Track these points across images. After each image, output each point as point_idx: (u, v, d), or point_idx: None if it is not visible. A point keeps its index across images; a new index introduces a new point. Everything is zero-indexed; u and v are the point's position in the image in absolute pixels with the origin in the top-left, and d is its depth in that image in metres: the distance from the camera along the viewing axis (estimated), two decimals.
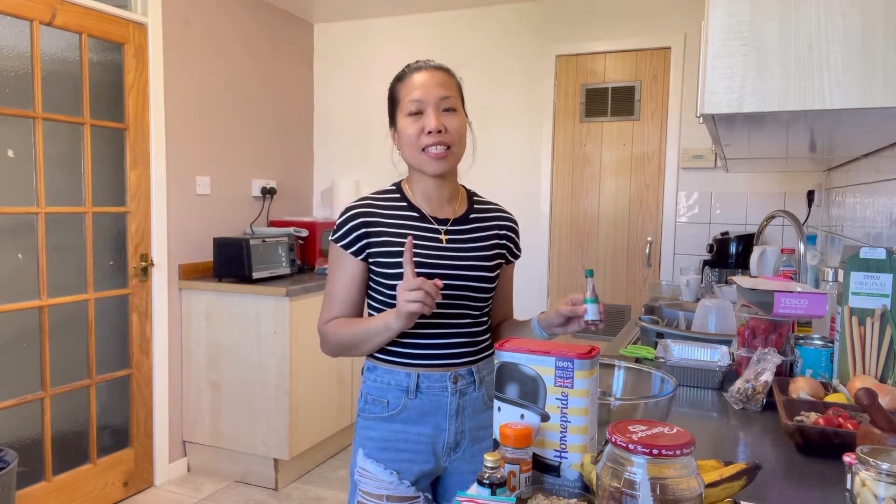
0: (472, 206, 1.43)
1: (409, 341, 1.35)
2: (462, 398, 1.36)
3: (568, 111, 3.73)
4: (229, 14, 3.54)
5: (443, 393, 1.34)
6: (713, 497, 0.81)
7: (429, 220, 1.36)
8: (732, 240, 3.13)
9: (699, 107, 1.14)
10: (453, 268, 1.33)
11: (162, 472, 3.24)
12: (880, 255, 1.32)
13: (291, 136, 4.11)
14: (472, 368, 1.38)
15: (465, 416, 1.36)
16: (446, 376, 1.34)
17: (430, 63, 1.36)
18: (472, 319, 1.38)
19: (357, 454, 1.40)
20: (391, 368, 1.36)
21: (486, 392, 1.41)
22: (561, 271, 3.80)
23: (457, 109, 1.33)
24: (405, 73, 1.35)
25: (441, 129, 1.29)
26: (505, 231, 1.45)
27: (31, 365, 2.67)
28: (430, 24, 3.98)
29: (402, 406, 1.34)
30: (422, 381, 1.34)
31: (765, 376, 1.35)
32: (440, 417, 1.34)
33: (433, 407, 1.34)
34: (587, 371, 0.89)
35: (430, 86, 1.31)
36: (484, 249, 1.38)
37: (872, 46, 1.02)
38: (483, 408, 1.40)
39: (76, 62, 2.80)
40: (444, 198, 1.38)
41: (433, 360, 1.35)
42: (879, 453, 0.78)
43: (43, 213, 2.67)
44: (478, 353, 1.40)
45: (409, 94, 1.31)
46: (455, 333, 1.36)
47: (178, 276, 3.27)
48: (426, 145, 1.30)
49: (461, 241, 1.37)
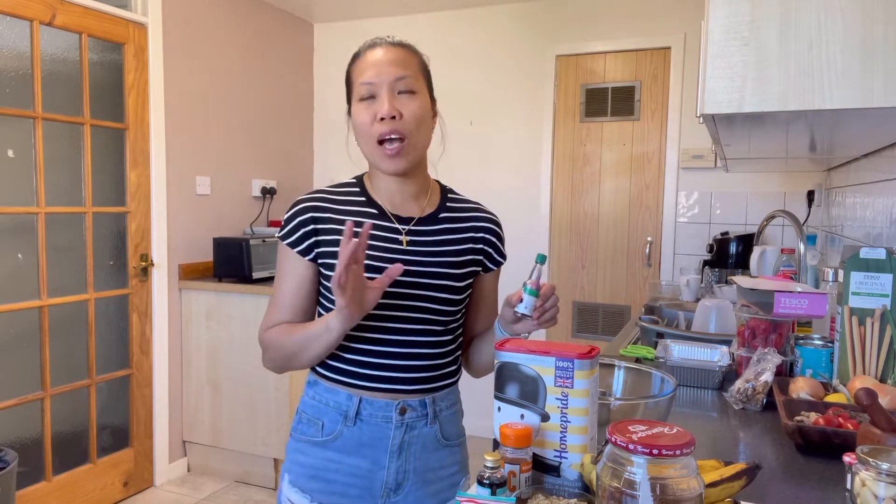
0: (443, 205, 1.23)
1: (353, 357, 1.15)
2: (409, 433, 1.15)
3: (568, 111, 3.73)
4: (229, 14, 3.54)
5: (385, 424, 1.14)
6: (713, 497, 0.81)
7: (389, 219, 1.17)
8: (732, 240, 3.13)
9: (699, 107, 1.14)
10: (413, 274, 1.13)
11: (162, 472, 3.24)
12: (880, 255, 1.32)
13: (291, 136, 4.11)
14: (426, 399, 1.16)
15: (410, 455, 1.16)
16: (392, 405, 1.14)
17: (386, 38, 1.16)
18: (432, 338, 1.16)
19: (283, 480, 1.22)
20: (332, 387, 1.17)
21: (439, 429, 1.19)
22: (561, 271, 3.79)
23: (416, 91, 1.12)
24: (359, 52, 1.16)
25: (395, 115, 1.09)
26: (483, 234, 1.23)
27: (31, 365, 2.67)
28: (430, 24, 3.98)
29: (337, 432, 1.15)
30: (363, 407, 1.14)
31: (765, 376, 1.35)
32: (380, 452, 1.14)
33: (372, 439, 1.14)
34: (587, 371, 0.89)
35: (384, 64, 1.10)
36: (453, 255, 1.18)
37: (872, 46, 1.02)
38: (435, 446, 1.19)
39: (76, 62, 2.80)
40: (408, 194, 1.19)
41: (379, 382, 1.14)
42: (879, 453, 0.78)
43: (43, 213, 2.67)
44: (436, 381, 1.18)
45: (360, 75, 1.12)
46: (409, 354, 1.15)
47: (178, 276, 3.27)
48: (380, 135, 1.10)
49: (425, 243, 1.17)
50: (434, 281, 1.15)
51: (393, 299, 1.13)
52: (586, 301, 3.75)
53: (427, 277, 1.15)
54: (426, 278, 1.14)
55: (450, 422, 1.22)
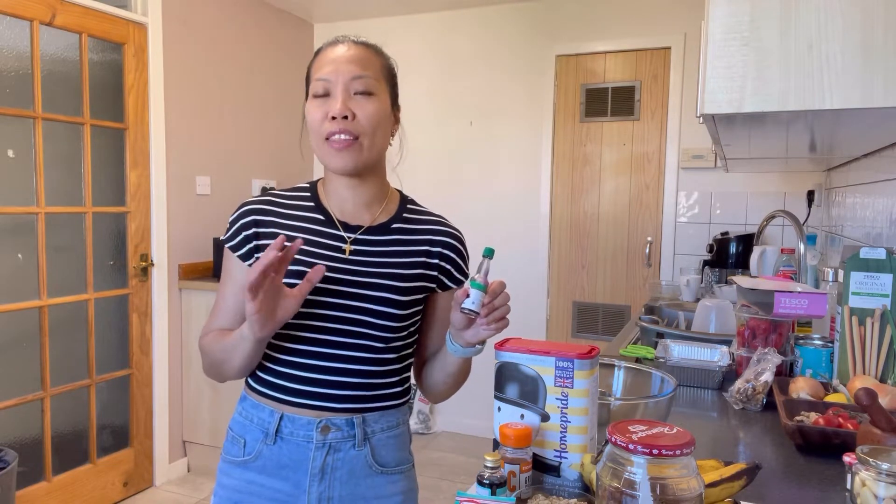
0: (399, 215, 1.15)
1: (279, 369, 1.08)
2: (332, 455, 1.07)
3: (568, 111, 3.73)
4: (229, 14, 3.54)
5: (306, 444, 1.06)
6: (713, 497, 0.81)
7: (335, 226, 1.10)
8: (732, 240, 3.13)
9: (699, 107, 1.14)
10: (352, 285, 1.06)
11: (162, 472, 3.24)
12: (880, 255, 1.32)
13: (291, 136, 4.11)
14: (354, 419, 1.07)
15: (334, 479, 1.07)
16: (314, 423, 1.06)
17: (350, 37, 1.11)
18: (369, 354, 1.07)
19: None
20: (258, 401, 1.10)
21: (370, 453, 1.09)
22: (561, 271, 3.79)
23: (374, 93, 1.06)
24: (321, 48, 1.12)
25: (347, 115, 1.03)
26: (440, 249, 1.14)
27: (31, 365, 2.67)
28: (430, 24, 3.98)
29: (256, 452, 1.09)
30: (284, 425, 1.07)
31: (765, 376, 1.35)
32: (300, 474, 1.07)
33: (292, 460, 1.07)
34: (587, 371, 0.89)
35: (342, 62, 1.05)
36: (400, 267, 1.10)
37: (872, 46, 1.02)
38: (365, 472, 1.09)
39: (76, 62, 2.80)
40: (361, 201, 1.12)
41: (303, 398, 1.07)
42: (879, 453, 0.78)
43: (43, 213, 2.67)
44: (369, 401, 1.09)
45: (317, 71, 1.08)
46: (338, 370, 1.06)
47: (178, 276, 3.27)
48: (329, 133, 1.04)
49: (370, 253, 1.09)
50: (374, 293, 1.07)
51: (327, 310, 1.06)
52: (586, 301, 3.75)
53: (367, 289, 1.07)
54: (366, 289, 1.07)
55: (386, 446, 1.11)
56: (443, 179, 3.96)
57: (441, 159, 3.97)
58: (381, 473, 1.11)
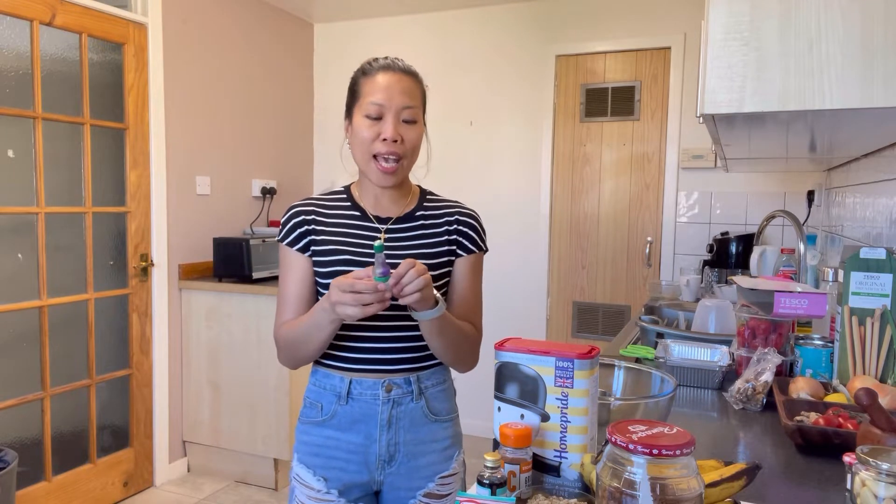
0: (421, 205, 1.36)
1: (343, 344, 1.30)
2: (396, 408, 1.29)
3: (568, 111, 3.73)
4: (229, 14, 3.54)
5: (374, 401, 1.28)
6: (713, 497, 0.81)
7: (370, 219, 1.32)
8: (732, 240, 3.13)
9: (699, 107, 1.14)
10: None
11: (162, 472, 3.24)
12: (880, 255, 1.32)
13: (291, 136, 4.11)
14: (411, 378, 1.30)
15: (399, 428, 1.29)
16: (379, 384, 1.28)
17: (399, 63, 1.29)
18: (412, 322, 1.27)
19: (294, 459, 1.37)
20: (328, 372, 1.31)
21: (426, 404, 1.32)
22: (561, 271, 3.80)
23: (416, 121, 1.28)
24: (371, 69, 1.29)
25: (397, 140, 1.24)
26: (456, 225, 1.35)
27: (31, 365, 2.67)
28: (430, 24, 3.98)
29: (333, 412, 1.30)
30: (353, 387, 1.28)
31: (765, 376, 1.35)
32: (371, 426, 1.28)
33: (363, 415, 1.28)
34: (587, 371, 0.89)
35: (395, 92, 1.25)
36: (429, 247, 1.32)
37: (872, 46, 1.02)
38: (423, 421, 1.32)
39: (76, 62, 2.80)
40: (390, 199, 1.34)
41: (366, 364, 1.29)
42: (879, 453, 0.78)
43: (43, 213, 2.67)
44: (418, 362, 1.31)
45: (371, 94, 1.25)
46: (391, 338, 1.29)
47: (178, 276, 3.27)
48: (378, 153, 1.25)
49: (402, 238, 1.31)
50: None
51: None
52: (586, 301, 3.75)
53: None
54: None
55: (437, 398, 1.34)
56: (443, 179, 3.96)
57: (441, 159, 3.97)
58: (435, 421, 1.33)
